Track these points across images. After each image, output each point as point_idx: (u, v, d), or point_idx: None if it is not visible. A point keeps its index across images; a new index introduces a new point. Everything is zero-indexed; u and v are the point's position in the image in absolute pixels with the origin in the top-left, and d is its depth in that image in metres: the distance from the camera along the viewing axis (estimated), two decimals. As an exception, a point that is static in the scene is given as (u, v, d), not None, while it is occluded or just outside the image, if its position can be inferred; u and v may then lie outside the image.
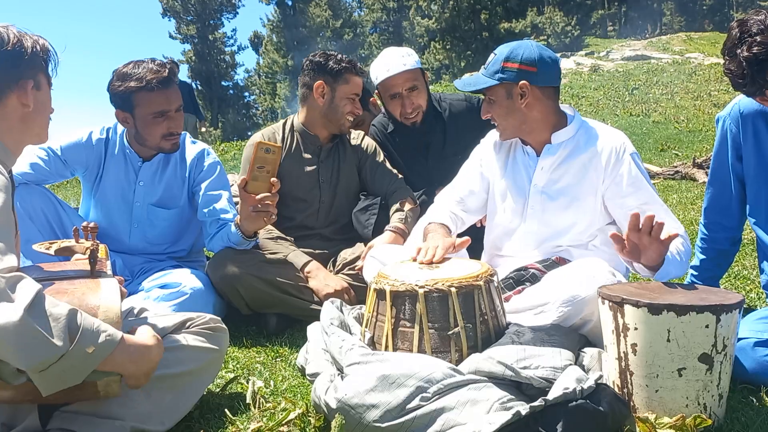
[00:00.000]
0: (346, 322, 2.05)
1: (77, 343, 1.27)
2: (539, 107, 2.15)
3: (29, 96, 1.50)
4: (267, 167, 2.24)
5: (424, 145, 3.10)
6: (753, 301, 2.63)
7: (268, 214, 2.32)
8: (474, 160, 2.43)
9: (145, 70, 2.47)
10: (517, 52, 2.13)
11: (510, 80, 2.12)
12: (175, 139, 2.60)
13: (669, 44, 22.23)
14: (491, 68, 2.16)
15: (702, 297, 1.59)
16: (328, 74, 2.83)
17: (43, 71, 1.55)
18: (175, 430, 1.64)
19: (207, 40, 40.95)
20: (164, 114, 2.52)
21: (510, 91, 2.14)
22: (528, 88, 2.11)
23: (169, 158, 2.72)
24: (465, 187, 2.40)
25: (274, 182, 2.27)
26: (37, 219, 2.50)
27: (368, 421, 1.53)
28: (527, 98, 2.12)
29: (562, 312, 1.83)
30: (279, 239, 2.78)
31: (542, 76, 2.13)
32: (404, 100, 2.95)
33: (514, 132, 2.23)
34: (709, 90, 13.42)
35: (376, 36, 42.64)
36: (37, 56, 1.52)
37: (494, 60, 2.17)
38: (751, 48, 1.73)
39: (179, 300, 2.41)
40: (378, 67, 2.98)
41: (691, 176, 5.95)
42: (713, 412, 1.56)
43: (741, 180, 2.16)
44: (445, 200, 2.43)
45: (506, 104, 2.15)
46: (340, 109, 2.85)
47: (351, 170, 3.00)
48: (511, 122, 2.18)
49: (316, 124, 2.92)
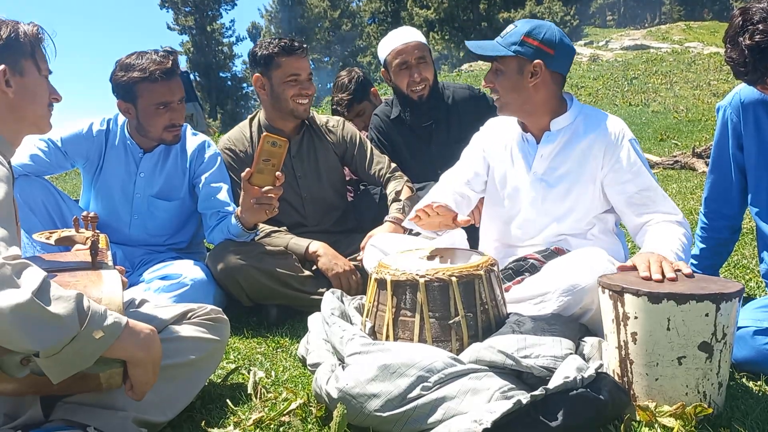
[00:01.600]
0: (346, 312, 2.05)
1: (87, 326, 1.27)
2: (545, 91, 2.13)
3: (2, 82, 1.49)
4: (273, 160, 2.23)
5: (428, 131, 3.10)
6: (752, 290, 2.64)
7: (270, 207, 2.31)
8: (476, 144, 2.42)
9: (149, 61, 2.47)
10: (539, 30, 2.09)
11: (526, 56, 2.08)
12: (176, 130, 2.60)
13: (668, 33, 22.15)
14: (509, 39, 2.12)
15: (702, 286, 1.59)
16: (260, 64, 2.76)
17: (27, 57, 1.53)
18: (176, 420, 1.65)
19: (205, 31, 40.73)
20: (167, 105, 2.52)
21: (522, 67, 2.10)
22: (542, 69, 2.08)
23: (170, 150, 2.72)
24: (469, 170, 2.37)
25: (278, 176, 2.26)
26: (38, 210, 2.50)
27: (369, 411, 1.54)
28: (537, 79, 2.09)
29: (562, 301, 1.83)
30: (272, 233, 2.77)
31: (558, 61, 2.11)
32: (413, 70, 2.97)
33: (514, 110, 2.19)
34: (708, 79, 13.38)
35: (375, 26, 42.42)
36: (14, 42, 1.50)
37: (514, 31, 2.12)
38: (753, 36, 1.73)
39: (180, 291, 2.41)
40: (388, 39, 3.05)
41: (691, 166, 5.94)
42: (713, 401, 1.57)
43: (741, 169, 2.15)
44: (450, 181, 2.39)
45: (514, 79, 2.11)
46: (283, 95, 2.76)
47: (331, 160, 2.94)
48: (515, 98, 2.14)
49: (274, 118, 2.86)
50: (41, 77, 1.58)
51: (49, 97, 1.61)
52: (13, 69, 1.51)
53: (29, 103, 1.55)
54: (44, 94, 1.59)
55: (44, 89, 1.59)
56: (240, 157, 2.86)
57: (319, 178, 2.92)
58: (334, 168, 2.96)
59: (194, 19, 40.48)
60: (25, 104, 1.54)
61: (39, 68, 1.56)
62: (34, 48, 1.54)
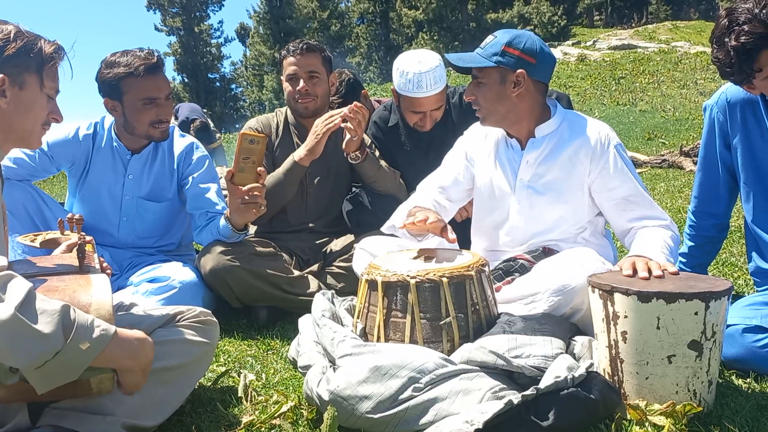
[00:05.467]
0: (337, 314, 2.05)
1: (72, 339, 1.26)
2: (529, 99, 2.13)
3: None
4: (252, 158, 2.24)
5: (427, 139, 2.99)
6: (741, 287, 2.66)
7: (256, 206, 2.30)
8: (458, 150, 2.40)
9: (134, 58, 2.48)
10: (520, 39, 2.09)
11: (508, 66, 2.08)
12: (164, 126, 2.59)
13: (655, 33, 22.32)
14: (490, 50, 2.11)
15: (691, 284, 1.60)
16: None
17: (32, 72, 1.52)
18: (166, 425, 1.63)
19: (193, 32, 40.55)
20: (153, 101, 2.52)
21: (505, 77, 2.09)
22: (524, 78, 2.08)
23: (158, 151, 2.71)
24: (449, 176, 2.36)
25: (260, 171, 2.26)
26: (18, 213, 2.48)
27: (361, 413, 1.54)
28: (521, 88, 2.09)
29: (553, 301, 1.83)
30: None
31: (539, 70, 2.10)
32: (426, 116, 2.85)
33: (498, 120, 2.18)
34: (695, 78, 13.50)
35: (364, 27, 42.45)
36: (22, 55, 1.49)
37: (494, 42, 2.11)
38: (739, 37, 1.74)
39: (168, 294, 2.40)
40: (408, 79, 2.75)
41: (678, 164, 5.98)
42: (703, 399, 1.57)
43: (729, 168, 2.17)
44: (428, 188, 2.38)
45: (497, 89, 2.11)
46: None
47: (342, 163, 2.93)
48: (498, 109, 2.14)
49: (320, 111, 2.87)
50: (42, 94, 1.55)
51: (48, 116, 1.59)
52: (13, 80, 1.50)
53: (21, 116, 1.53)
54: (40, 111, 1.57)
55: (42, 106, 1.57)
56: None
57: (327, 179, 2.91)
58: (343, 172, 2.92)
59: (182, 20, 40.30)
60: (17, 116, 1.52)
61: (43, 85, 1.55)
62: (42, 64, 1.53)
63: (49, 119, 1.60)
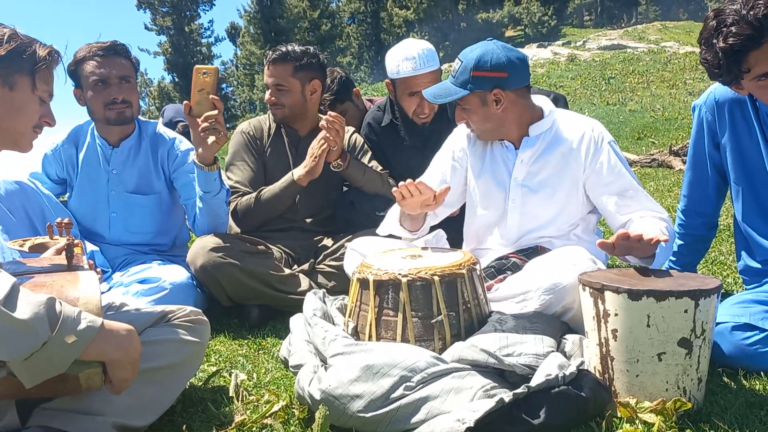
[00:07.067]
0: (329, 313, 2.04)
1: (58, 331, 1.25)
2: (514, 109, 2.14)
3: None
4: (206, 89, 2.39)
5: (423, 139, 2.97)
6: (730, 286, 2.67)
7: (216, 132, 2.39)
8: (446, 151, 2.39)
9: (91, 45, 2.57)
10: (485, 59, 2.06)
11: (482, 88, 2.08)
12: (119, 107, 2.59)
13: (644, 33, 22.44)
14: (460, 77, 2.10)
15: (681, 282, 1.61)
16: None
17: (24, 74, 1.50)
18: (157, 425, 1.63)
19: (183, 31, 40.36)
20: (104, 81, 2.55)
21: (484, 99, 2.10)
22: (502, 95, 2.08)
23: (141, 145, 2.73)
24: (437, 180, 2.36)
25: (213, 99, 2.38)
26: (18, 214, 2.47)
27: (352, 412, 1.54)
28: (503, 104, 2.10)
29: (544, 300, 1.84)
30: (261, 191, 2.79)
31: (514, 80, 2.09)
32: (423, 102, 2.81)
33: (492, 135, 2.22)
34: (684, 78, 13.57)
35: (354, 26, 42.44)
36: (14, 56, 1.48)
37: (462, 68, 2.10)
38: (727, 39, 1.74)
39: (159, 295, 2.39)
40: (402, 61, 2.79)
41: (668, 164, 6.02)
42: (693, 396, 1.59)
43: (717, 167, 2.18)
44: None
45: (482, 111, 2.12)
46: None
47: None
48: (489, 127, 2.17)
49: (295, 117, 2.88)
50: (34, 96, 1.54)
51: (41, 119, 1.58)
52: (4, 81, 1.49)
53: (10, 117, 1.51)
54: (31, 113, 1.55)
55: (33, 108, 1.55)
56: (255, 142, 2.93)
57: (320, 176, 2.86)
58: (336, 173, 2.87)
59: (172, 19, 40.11)
60: (7, 118, 1.51)
61: (35, 87, 1.53)
62: (35, 66, 1.52)
63: (41, 122, 1.59)
